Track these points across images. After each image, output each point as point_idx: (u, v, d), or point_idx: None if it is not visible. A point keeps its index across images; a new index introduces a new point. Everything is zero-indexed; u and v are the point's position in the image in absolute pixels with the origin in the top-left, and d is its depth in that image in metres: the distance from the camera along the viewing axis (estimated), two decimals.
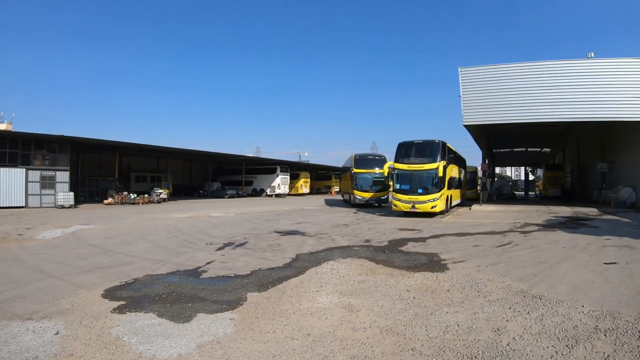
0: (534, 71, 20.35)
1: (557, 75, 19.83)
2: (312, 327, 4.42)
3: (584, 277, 6.56)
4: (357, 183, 26.21)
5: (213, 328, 4.45)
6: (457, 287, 6.00)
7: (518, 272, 6.91)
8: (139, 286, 6.39)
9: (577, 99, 19.46)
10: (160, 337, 4.19)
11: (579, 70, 19.76)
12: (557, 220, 16.20)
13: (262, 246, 10.12)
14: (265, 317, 4.83)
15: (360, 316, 4.74)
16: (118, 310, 5.13)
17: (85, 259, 8.72)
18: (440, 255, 8.69)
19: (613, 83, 19.03)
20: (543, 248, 9.47)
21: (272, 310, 5.07)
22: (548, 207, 22.79)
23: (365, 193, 26.04)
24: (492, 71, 21.30)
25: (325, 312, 4.92)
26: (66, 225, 14.99)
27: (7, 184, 23.12)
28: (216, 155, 43.49)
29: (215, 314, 4.96)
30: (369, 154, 27.96)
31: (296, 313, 4.91)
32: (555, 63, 20.21)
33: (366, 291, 5.81)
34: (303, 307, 5.15)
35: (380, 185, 25.97)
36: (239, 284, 6.38)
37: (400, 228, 13.98)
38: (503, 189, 35.56)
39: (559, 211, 20.21)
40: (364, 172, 26.24)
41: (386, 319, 4.67)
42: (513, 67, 20.95)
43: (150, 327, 4.49)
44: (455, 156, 24.57)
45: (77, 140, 26.51)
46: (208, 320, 4.72)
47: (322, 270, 7.27)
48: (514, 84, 20.53)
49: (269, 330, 4.39)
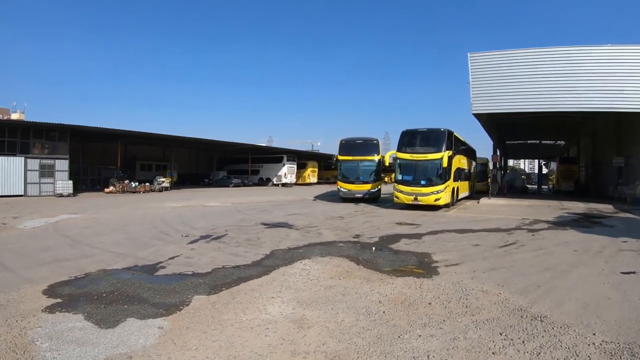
0: (548, 57, 19.10)
1: (573, 62, 18.66)
2: (243, 347, 3.68)
3: (597, 290, 5.52)
4: (341, 173, 22.04)
5: (134, 338, 3.93)
6: (441, 299, 5.07)
7: (519, 282, 5.91)
8: (86, 282, 5.94)
9: (593, 88, 18.24)
10: (73, 344, 3.80)
11: (596, 57, 18.39)
12: (569, 217, 15.12)
13: (239, 240, 9.46)
14: (197, 328, 4.16)
15: (309, 335, 3.94)
16: (49, 309, 4.77)
17: (49, 250, 8.29)
18: (433, 256, 7.78)
19: (632, 71, 17.63)
20: (552, 250, 8.41)
21: (209, 319, 4.39)
22: (560, 202, 21.79)
23: (351, 185, 21.53)
24: (503, 57, 20.14)
25: (269, 326, 4.17)
26: (54, 215, 14.66)
27: (5, 173, 23.06)
28: (221, 143, 42.97)
29: (146, 319, 4.43)
30: (358, 138, 22.72)
31: (235, 325, 4.20)
32: (571, 49, 18.92)
33: (330, 300, 4.99)
34: (247, 317, 4.42)
35: (370, 176, 21.43)
36: (191, 284, 5.74)
37: (398, 222, 13.14)
38: (515, 182, 34.66)
39: (572, 207, 19.12)
40: (350, 160, 21.74)
41: (339, 341, 3.83)
42: (526, 53, 19.70)
43: (70, 331, 4.10)
44: (464, 147, 23.49)
45: (77, 129, 26.32)
46: (135, 327, 4.22)
47: (291, 270, 6.54)
48: (526, 71, 19.35)
49: (192, 347, 3.71)
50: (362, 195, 21.16)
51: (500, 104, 20.14)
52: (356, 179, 21.42)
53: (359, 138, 22.59)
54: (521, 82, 19.36)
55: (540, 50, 19.41)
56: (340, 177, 21.95)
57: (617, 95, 17.86)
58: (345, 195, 21.59)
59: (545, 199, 25.15)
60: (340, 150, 22.12)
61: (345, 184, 21.63)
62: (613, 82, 17.87)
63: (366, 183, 21.21)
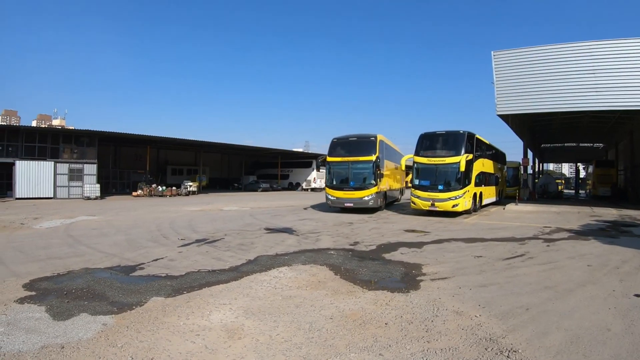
0: (577, 52, 18.24)
1: (606, 56, 17.46)
2: (164, 350, 3.81)
3: (597, 318, 4.82)
4: (330, 177, 18.82)
5: (76, 331, 4.36)
6: (403, 319, 4.74)
7: (506, 303, 5.36)
8: (64, 279, 6.52)
9: (627, 84, 16.94)
10: (24, 331, 4.30)
11: (630, 50, 16.99)
12: (596, 225, 14.09)
13: (232, 244, 9.73)
14: (135, 327, 4.39)
15: (234, 347, 3.96)
16: (21, 300, 5.40)
17: (48, 249, 9.15)
18: (424, 267, 7.45)
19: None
20: (562, 265, 7.69)
21: (151, 320, 4.60)
22: (592, 208, 21.03)
23: (339, 192, 18.21)
24: (530, 54, 19.43)
25: (200, 333, 4.26)
26: (72, 216, 15.89)
27: (36, 176, 25.75)
28: (251, 148, 44.36)
29: (96, 316, 4.83)
30: (353, 135, 19.27)
31: (170, 329, 4.36)
32: (603, 43, 17.70)
33: (279, 312, 4.97)
34: (186, 322, 4.57)
35: (363, 180, 18.05)
36: (157, 286, 6.03)
37: (407, 229, 12.86)
38: (548, 187, 33.40)
39: (603, 214, 18.20)
40: (339, 162, 18.50)
41: (261, 357, 3.76)
42: (554, 49, 18.83)
43: (27, 320, 4.63)
44: (490, 150, 22.65)
45: (105, 134, 28.41)
46: (83, 321, 4.64)
47: (262, 277, 6.63)
48: (554, 68, 18.63)
49: (119, 344, 3.95)
50: (353, 204, 18.02)
51: (527, 104, 19.54)
52: (346, 185, 18.25)
53: (353, 135, 19.27)
54: (548, 80, 18.72)
55: (569, 45, 18.58)
56: (328, 183, 18.88)
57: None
58: (334, 204, 18.66)
59: (577, 204, 24.23)
60: (329, 150, 19.03)
61: (333, 190, 18.50)
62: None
63: (358, 189, 17.95)
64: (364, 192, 17.85)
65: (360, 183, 18.04)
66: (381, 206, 19.30)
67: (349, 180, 18.20)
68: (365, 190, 17.85)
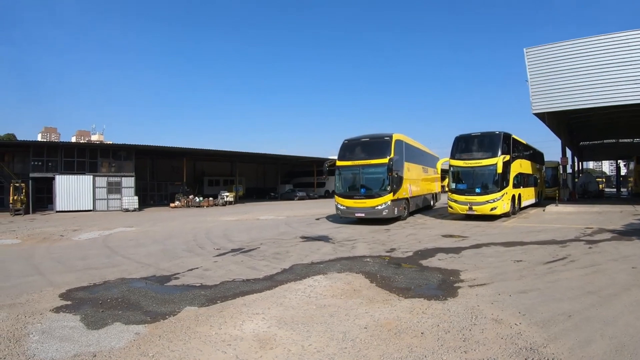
0: (612, 44, 17.77)
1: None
2: None
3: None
4: (339, 183, 16.98)
5: (109, 340, 4.48)
6: (440, 327, 4.54)
7: (547, 309, 5.07)
8: (100, 289, 6.78)
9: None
10: (58, 339, 4.46)
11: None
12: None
13: (267, 254, 9.75)
14: (168, 337, 4.46)
15: (265, 357, 3.91)
16: (57, 309, 5.64)
17: (86, 259, 9.66)
18: (462, 274, 7.16)
19: None
20: (605, 268, 7.29)
21: (184, 330, 4.64)
22: (635, 206, 20.45)
23: (349, 200, 16.27)
24: (563, 48, 19.17)
25: (232, 343, 4.24)
26: (110, 228, 16.65)
27: (76, 190, 27.60)
28: (286, 157, 44.85)
29: (129, 325, 4.96)
30: (365, 135, 17.28)
31: (202, 339, 4.36)
32: (634, 33, 16.96)
33: (313, 321, 4.87)
34: (218, 332, 4.56)
35: (376, 187, 15.99)
36: (192, 296, 6.12)
37: (445, 234, 12.61)
38: (588, 186, 32.41)
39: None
40: (349, 166, 16.58)
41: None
42: (589, 42, 18.47)
43: (62, 328, 4.82)
44: (528, 150, 22.08)
45: (141, 148, 29.83)
46: (116, 330, 4.78)
47: (296, 286, 6.54)
48: (590, 62, 18.30)
49: (150, 354, 4.02)
50: (364, 214, 15.99)
51: (563, 101, 19.21)
52: (356, 192, 16.27)
53: (366, 135, 17.22)
54: (585, 74, 18.41)
55: (606, 36, 18.05)
56: (338, 190, 17.03)
57: None
58: (344, 215, 16.74)
59: (619, 203, 23.65)
60: (339, 153, 17.16)
61: (342, 198, 16.58)
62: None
63: (370, 197, 15.86)
64: (377, 200, 15.74)
65: (372, 190, 16.01)
66: (401, 215, 17.22)
67: (360, 186, 16.28)
68: (378, 199, 15.73)
